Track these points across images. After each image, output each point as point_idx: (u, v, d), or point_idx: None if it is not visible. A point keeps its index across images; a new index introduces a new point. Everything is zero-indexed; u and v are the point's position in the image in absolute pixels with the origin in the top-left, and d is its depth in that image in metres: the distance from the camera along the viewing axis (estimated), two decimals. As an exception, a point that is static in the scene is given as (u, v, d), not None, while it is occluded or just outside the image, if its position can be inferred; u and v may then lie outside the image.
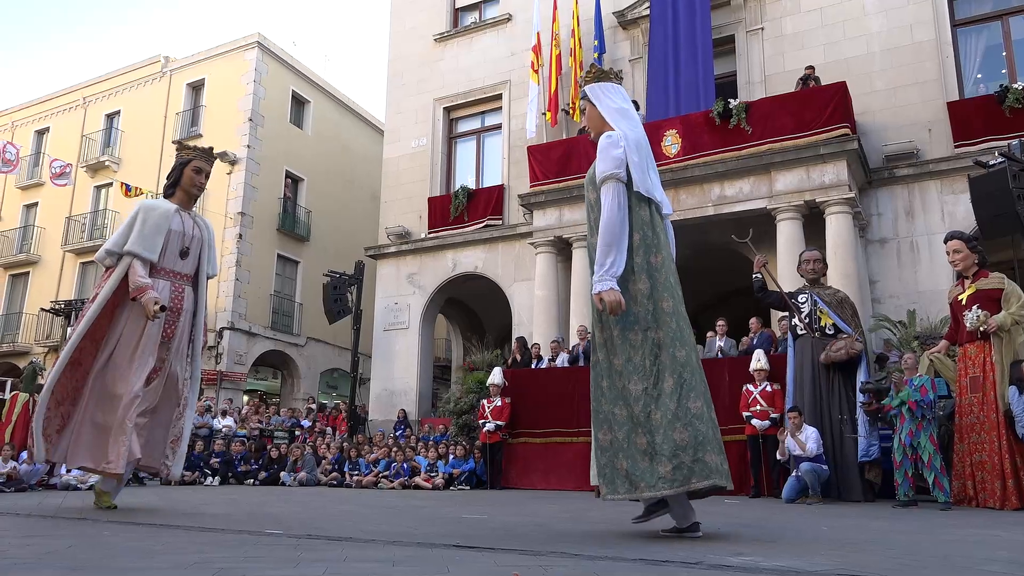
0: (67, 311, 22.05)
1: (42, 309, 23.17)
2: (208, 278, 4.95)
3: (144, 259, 4.54)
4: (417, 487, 10.53)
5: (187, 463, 11.80)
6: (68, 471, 9.25)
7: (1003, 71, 12.22)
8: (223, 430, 13.31)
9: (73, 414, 4.53)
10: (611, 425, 3.39)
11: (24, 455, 9.20)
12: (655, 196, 3.64)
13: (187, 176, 4.91)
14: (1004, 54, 12.34)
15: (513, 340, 12.73)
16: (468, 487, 10.32)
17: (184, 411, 4.75)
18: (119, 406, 4.36)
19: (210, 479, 11.77)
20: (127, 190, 20.06)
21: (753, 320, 10.34)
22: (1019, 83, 11.32)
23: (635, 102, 14.94)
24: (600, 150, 3.54)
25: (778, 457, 7.38)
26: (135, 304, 4.49)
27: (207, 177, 5.03)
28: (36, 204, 25.91)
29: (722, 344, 10.34)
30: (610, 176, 3.48)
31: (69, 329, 4.42)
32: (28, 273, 25.38)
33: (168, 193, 4.93)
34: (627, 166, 3.52)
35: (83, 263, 24.21)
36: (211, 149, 5.19)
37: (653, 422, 3.31)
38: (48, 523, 4.07)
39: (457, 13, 17.94)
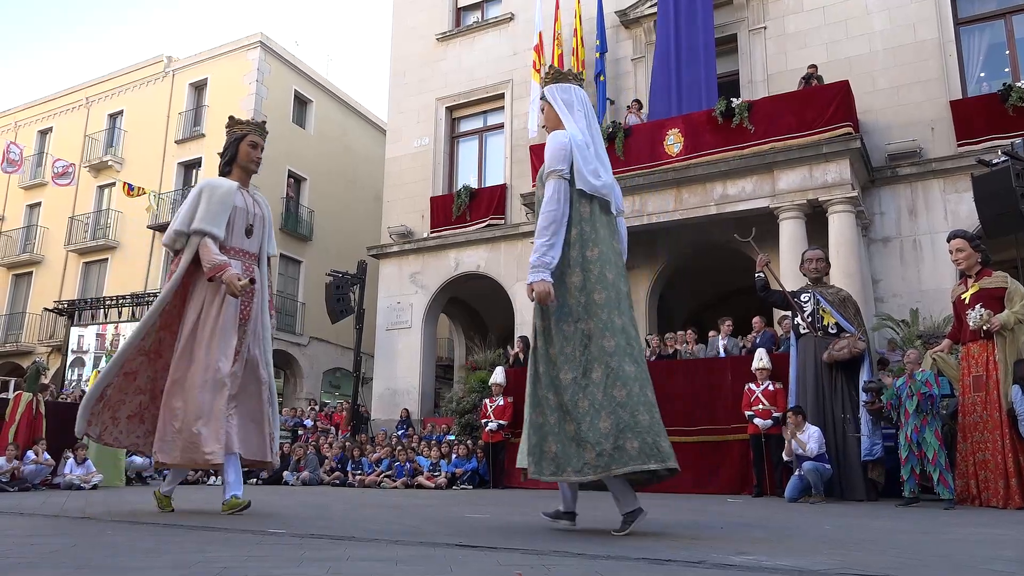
0: (70, 311, 22.08)
1: (45, 309, 23.20)
2: (268, 258, 4.72)
3: (215, 237, 4.30)
4: (420, 487, 10.54)
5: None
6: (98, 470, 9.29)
7: (1006, 70, 12.20)
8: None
9: (156, 407, 4.34)
10: (543, 409, 3.53)
11: (29, 454, 9.22)
12: (600, 193, 3.75)
13: (243, 152, 4.59)
14: (1007, 53, 12.31)
15: (515, 339, 12.73)
16: (471, 486, 10.32)
17: (271, 396, 4.49)
18: (208, 393, 4.10)
19: (213, 478, 11.78)
20: (130, 190, 20.12)
21: (756, 319, 10.34)
22: (1022, 82, 11.29)
23: (637, 101, 14.84)
24: (547, 147, 3.71)
25: (784, 457, 7.36)
26: (210, 285, 4.26)
27: (262, 151, 4.73)
28: (39, 204, 25.97)
29: (726, 343, 10.33)
30: (553, 172, 3.64)
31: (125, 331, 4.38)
32: (31, 273, 25.43)
33: (225, 171, 4.63)
34: (571, 164, 3.65)
35: (86, 263, 24.25)
36: (264, 122, 4.89)
37: (580, 410, 3.44)
38: (51, 522, 4.08)
39: (459, 12, 17.94)
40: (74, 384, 19.64)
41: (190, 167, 23.40)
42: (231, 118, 4.75)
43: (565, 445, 3.44)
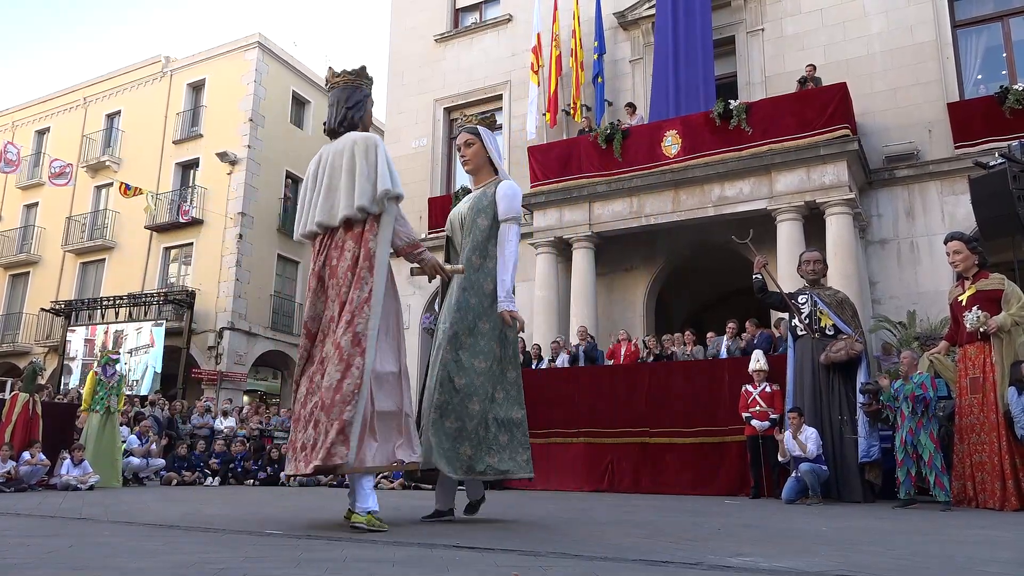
0: (67, 311, 22.07)
1: (42, 309, 23.18)
2: None
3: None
4: (417, 487, 10.52)
5: (187, 463, 11.84)
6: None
7: (1003, 72, 12.22)
8: (224, 431, 13.31)
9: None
10: (460, 416, 4.11)
11: (25, 455, 9.19)
12: None
13: (369, 116, 4.04)
14: (1004, 55, 12.34)
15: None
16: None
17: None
18: (397, 387, 3.70)
19: (210, 479, 11.77)
20: (127, 190, 20.09)
21: (748, 323, 10.34)
22: (1019, 84, 11.31)
23: (631, 104, 14.92)
24: (506, 195, 4.43)
25: (779, 459, 7.37)
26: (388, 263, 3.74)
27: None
28: (36, 204, 25.92)
29: (730, 344, 10.31)
30: (514, 218, 4.42)
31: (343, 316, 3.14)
32: (28, 273, 25.38)
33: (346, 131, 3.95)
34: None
35: (83, 263, 24.22)
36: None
37: (502, 421, 4.25)
38: (48, 523, 4.07)
39: (458, 13, 17.94)
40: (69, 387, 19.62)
41: (188, 167, 23.37)
42: (331, 70, 4.08)
43: (478, 449, 4.14)
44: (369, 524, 3.39)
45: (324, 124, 3.98)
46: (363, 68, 4.02)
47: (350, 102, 3.90)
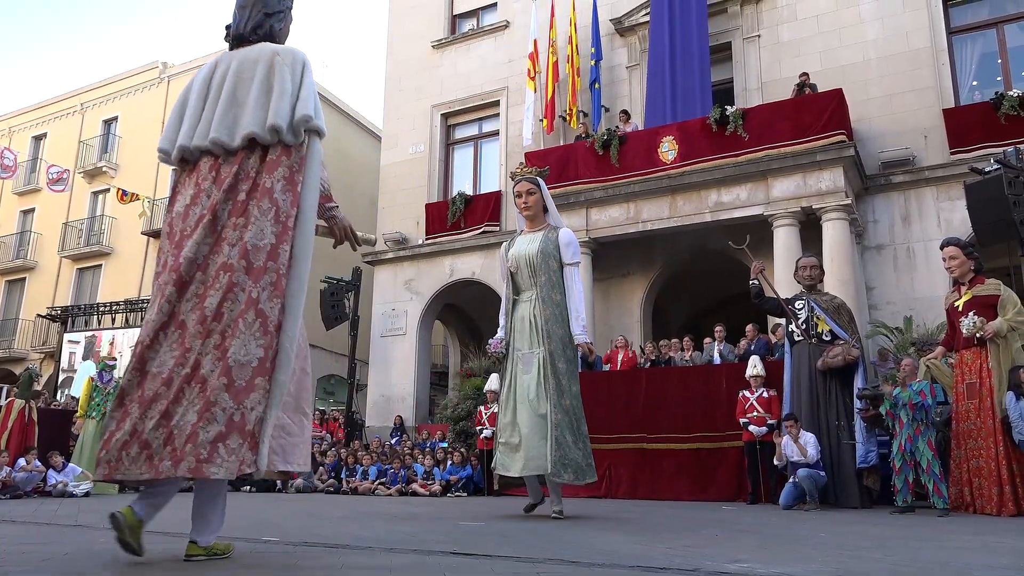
0: (63, 317, 22.01)
1: (38, 315, 23.13)
2: None
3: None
4: (414, 494, 10.51)
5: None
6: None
7: (998, 78, 12.27)
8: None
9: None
10: (573, 431, 5.08)
11: (21, 461, 9.16)
12: None
13: (287, 32, 3.26)
14: (999, 61, 12.39)
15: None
16: (465, 494, 10.30)
17: None
18: (307, 386, 2.90)
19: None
20: (124, 196, 20.07)
21: (749, 327, 10.36)
22: (1014, 90, 11.36)
23: (625, 111, 14.94)
24: (571, 242, 5.34)
25: (775, 463, 7.37)
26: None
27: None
28: (33, 210, 25.91)
29: (721, 349, 10.35)
30: (578, 263, 5.36)
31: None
32: (24, 279, 25.35)
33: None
34: None
35: (80, 269, 24.18)
36: None
37: (585, 433, 5.22)
38: (44, 531, 4.06)
39: (455, 20, 17.97)
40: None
41: (185, 173, 23.33)
42: None
43: (579, 459, 5.08)
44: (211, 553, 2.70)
45: (226, 28, 3.13)
46: None
47: (269, 7, 3.06)
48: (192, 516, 2.71)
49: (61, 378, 20.90)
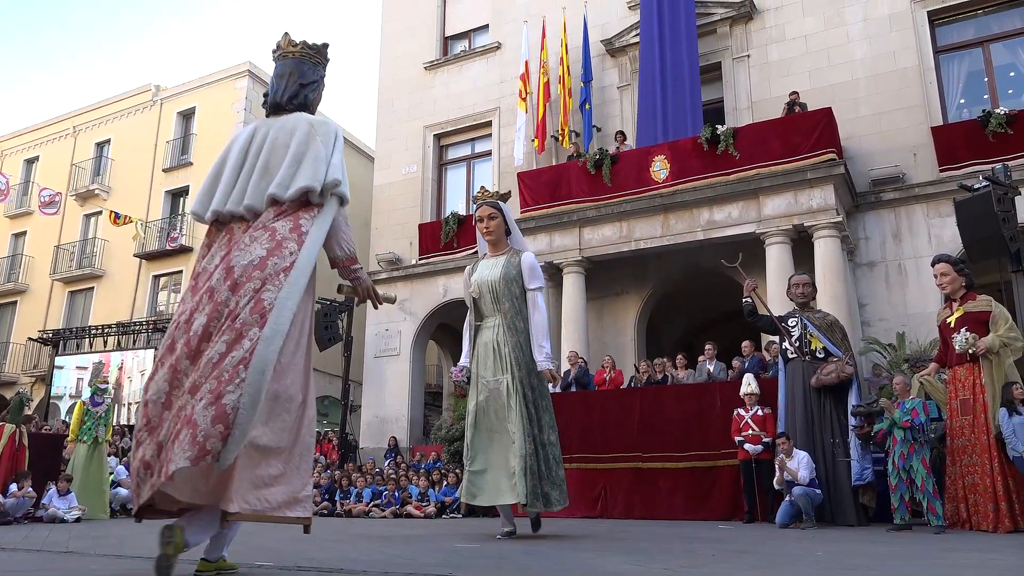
0: (55, 340, 21.89)
1: (29, 339, 22.98)
2: None
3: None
4: (409, 516, 10.43)
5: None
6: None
7: (985, 96, 12.41)
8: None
9: None
10: (545, 461, 4.99)
11: (13, 487, 9.06)
12: None
13: (319, 100, 3.56)
14: (986, 80, 12.54)
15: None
16: (460, 515, 10.23)
17: None
18: (297, 419, 2.92)
19: (199, 509, 11.61)
20: (116, 218, 20.06)
21: (745, 343, 10.37)
22: (1001, 108, 11.49)
23: (621, 132, 15.04)
24: (533, 266, 5.24)
25: (776, 485, 7.33)
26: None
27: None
28: (25, 233, 25.82)
29: (711, 368, 10.35)
30: (542, 287, 5.23)
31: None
32: (16, 302, 25.21)
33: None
34: None
35: (71, 292, 24.08)
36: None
37: (557, 460, 5.14)
38: (34, 558, 4.01)
39: (447, 41, 18.11)
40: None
41: (177, 195, 23.37)
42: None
43: (551, 487, 5.02)
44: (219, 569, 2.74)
45: (264, 96, 3.36)
46: (326, 45, 3.46)
47: (305, 78, 3.29)
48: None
49: (68, 403, 20.73)
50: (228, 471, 2.53)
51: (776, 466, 7.18)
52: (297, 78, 3.28)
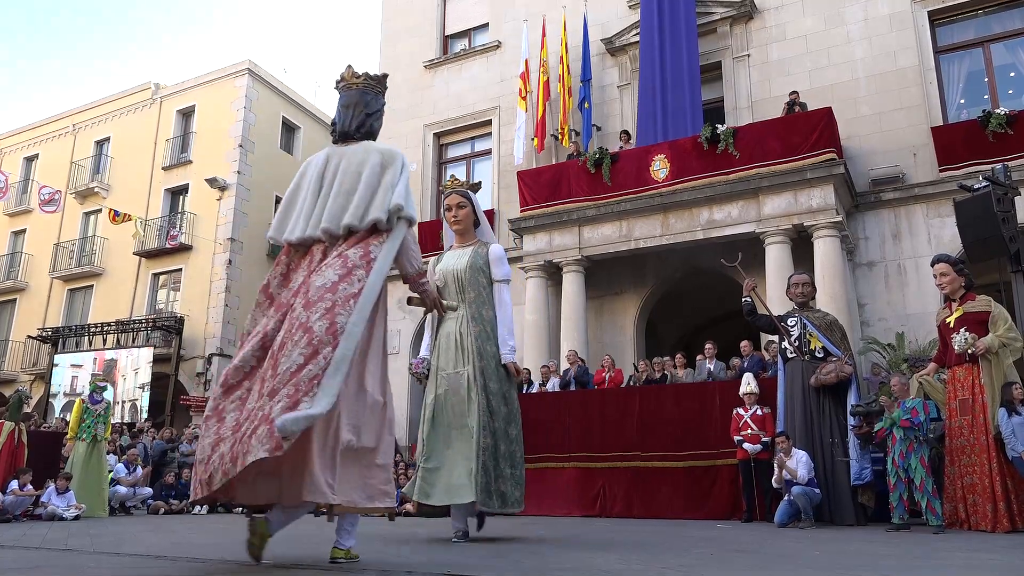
0: (54, 338, 21.89)
1: (29, 336, 22.99)
2: None
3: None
4: (407, 514, 10.42)
5: (176, 492, 11.71)
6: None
7: (985, 96, 12.41)
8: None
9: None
10: (503, 456, 4.72)
11: (13, 484, 9.06)
12: None
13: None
14: (986, 80, 12.54)
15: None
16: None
17: None
18: (380, 420, 3.39)
19: (198, 508, 11.62)
20: (116, 216, 20.05)
21: (744, 343, 10.37)
22: (1001, 108, 11.48)
23: (626, 132, 14.99)
24: (501, 258, 5.09)
25: (774, 484, 7.34)
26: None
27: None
28: (24, 231, 25.80)
29: (711, 367, 10.35)
30: (508, 280, 5.06)
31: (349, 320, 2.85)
32: (15, 300, 25.20)
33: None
34: None
35: (71, 290, 24.07)
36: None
37: (517, 458, 4.87)
38: (33, 555, 4.01)
39: (447, 40, 18.11)
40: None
41: (177, 193, 23.37)
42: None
43: (510, 486, 4.73)
44: (349, 556, 3.15)
45: (333, 124, 3.64)
46: (385, 76, 3.82)
47: (370, 108, 3.61)
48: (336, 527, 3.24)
49: (64, 401, 20.74)
50: (315, 473, 2.91)
51: (775, 464, 7.19)
52: (363, 108, 3.59)
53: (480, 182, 5.87)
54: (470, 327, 4.85)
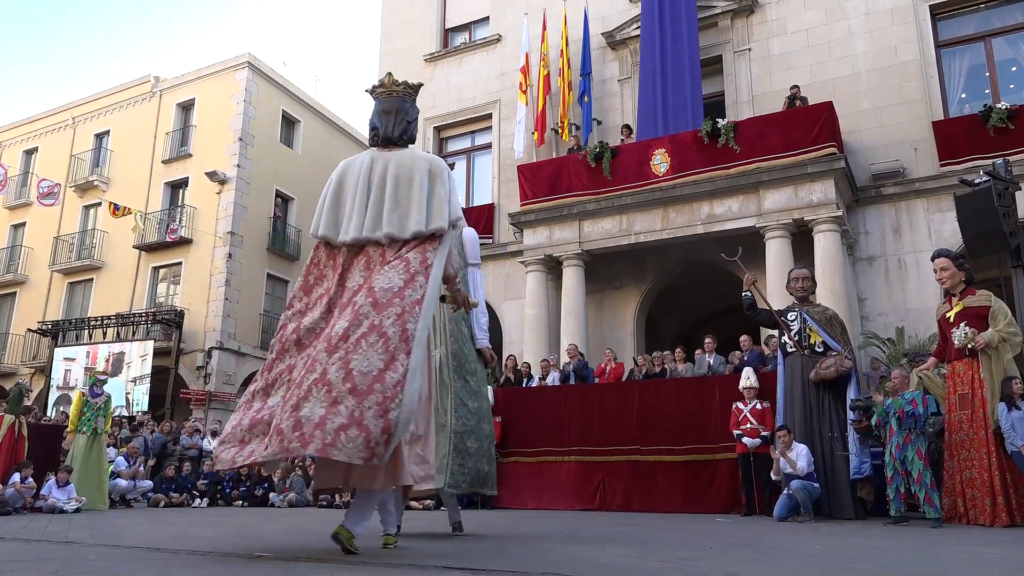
0: (54, 332, 21.90)
1: (29, 330, 22.99)
2: None
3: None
4: (407, 508, 10.44)
5: (175, 485, 11.73)
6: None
7: (987, 91, 12.39)
8: (213, 451, 13.20)
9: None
10: (479, 437, 4.71)
11: (15, 477, 9.06)
12: None
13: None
14: (987, 74, 12.51)
15: (504, 359, 12.73)
16: (459, 507, 10.23)
17: None
18: (426, 411, 3.92)
19: (198, 501, 11.66)
20: (115, 210, 20.05)
21: (744, 338, 10.37)
22: (1002, 103, 11.46)
23: (627, 126, 14.91)
24: (473, 240, 4.98)
25: (773, 477, 7.36)
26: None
27: None
28: (24, 224, 25.79)
29: (711, 361, 10.36)
30: (479, 265, 4.98)
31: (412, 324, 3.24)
32: (15, 293, 25.20)
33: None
34: None
35: (71, 283, 24.07)
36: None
37: (487, 436, 4.87)
38: (33, 548, 4.02)
39: (447, 34, 18.06)
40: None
41: (177, 187, 23.35)
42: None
43: (492, 466, 4.86)
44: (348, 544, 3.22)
45: (374, 129, 3.80)
46: (420, 85, 4.08)
47: (409, 116, 3.83)
48: (380, 514, 3.69)
49: (57, 395, 20.77)
50: (395, 458, 3.25)
51: (778, 453, 7.18)
52: (403, 115, 3.80)
53: (455, 163, 5.91)
54: (445, 308, 4.67)
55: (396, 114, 3.78)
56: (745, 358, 9.74)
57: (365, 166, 3.66)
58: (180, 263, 22.21)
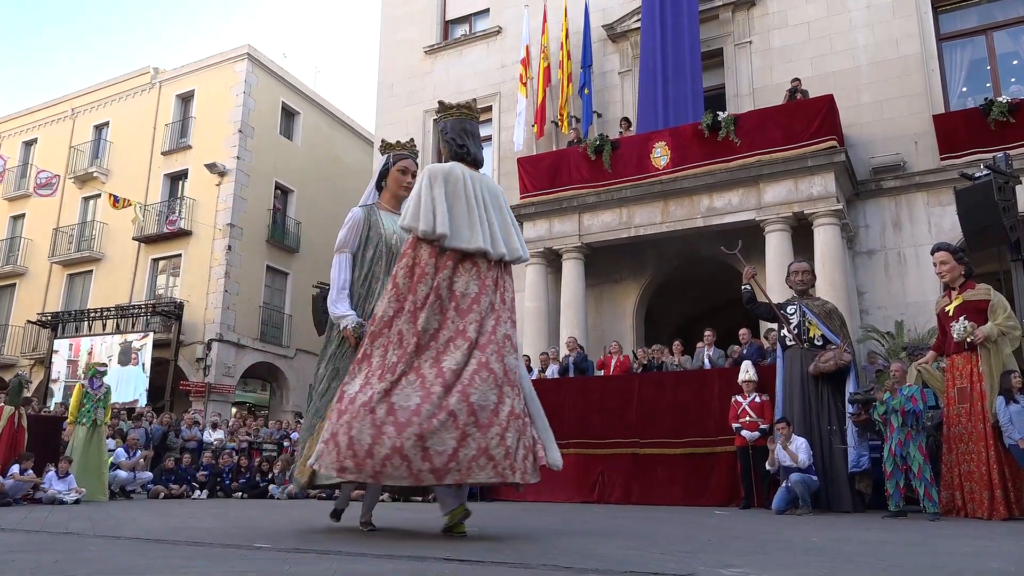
0: (53, 323, 21.90)
1: (28, 321, 23.00)
2: None
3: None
4: (406, 500, 10.46)
5: (175, 476, 11.75)
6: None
7: (988, 84, 12.36)
8: (213, 443, 13.22)
9: None
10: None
11: (14, 468, 9.08)
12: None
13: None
14: (988, 68, 12.48)
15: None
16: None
17: None
18: None
19: (198, 492, 11.68)
20: (115, 201, 20.03)
21: (743, 331, 10.38)
22: (1003, 96, 11.44)
23: (626, 119, 14.85)
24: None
25: (767, 467, 7.38)
26: None
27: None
28: (23, 215, 25.76)
29: (711, 354, 10.36)
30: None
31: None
32: (14, 285, 25.19)
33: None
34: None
35: (70, 275, 24.06)
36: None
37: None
38: (34, 538, 4.03)
39: (447, 26, 18.01)
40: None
41: (176, 178, 23.32)
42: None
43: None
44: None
45: (463, 147, 4.02)
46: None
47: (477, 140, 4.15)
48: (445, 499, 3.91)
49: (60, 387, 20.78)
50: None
51: (778, 444, 7.18)
52: (478, 140, 4.12)
53: (414, 142, 5.66)
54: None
55: (476, 139, 4.08)
56: (744, 351, 9.75)
57: (466, 180, 3.86)
58: (180, 255, 22.19)
